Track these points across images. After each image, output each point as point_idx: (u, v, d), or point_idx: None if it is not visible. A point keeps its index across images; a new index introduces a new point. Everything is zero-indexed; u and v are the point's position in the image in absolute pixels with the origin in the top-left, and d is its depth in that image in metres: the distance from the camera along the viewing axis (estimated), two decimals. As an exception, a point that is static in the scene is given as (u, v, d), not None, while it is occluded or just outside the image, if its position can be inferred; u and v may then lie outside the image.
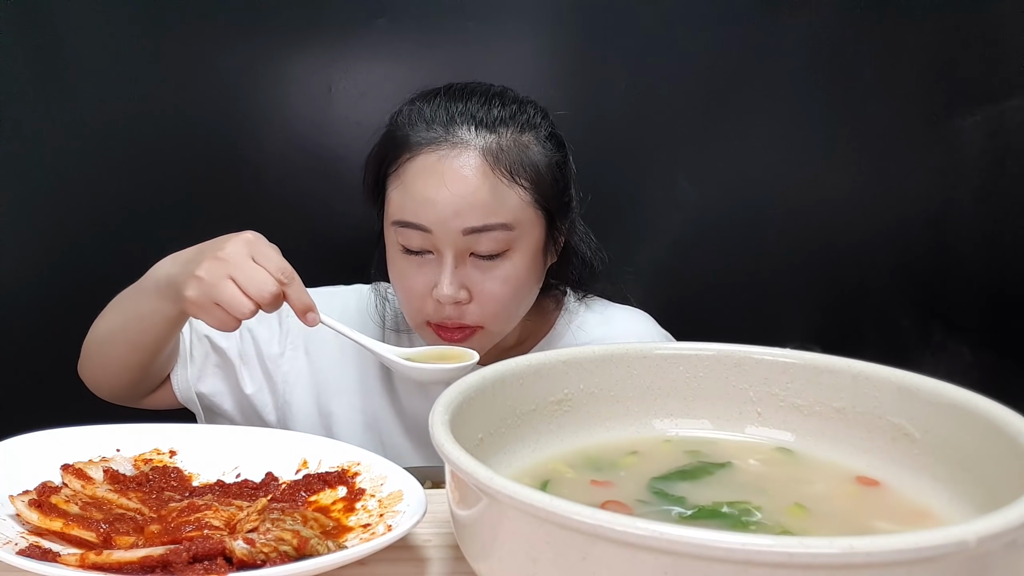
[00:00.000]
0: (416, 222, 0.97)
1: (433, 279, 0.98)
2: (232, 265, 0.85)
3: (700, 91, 1.46)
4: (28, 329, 1.42)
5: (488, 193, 0.96)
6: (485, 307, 0.99)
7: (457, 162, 0.96)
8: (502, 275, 0.99)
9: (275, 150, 1.43)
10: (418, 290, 0.99)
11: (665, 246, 1.23)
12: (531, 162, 0.99)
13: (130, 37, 1.38)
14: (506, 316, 1.02)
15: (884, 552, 0.41)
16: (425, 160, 0.97)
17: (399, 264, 1.01)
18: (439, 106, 1.00)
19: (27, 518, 0.65)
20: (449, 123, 0.98)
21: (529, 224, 0.99)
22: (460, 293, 0.97)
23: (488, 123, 0.98)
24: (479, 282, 0.98)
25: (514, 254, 0.99)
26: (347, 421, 1.11)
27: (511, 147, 0.98)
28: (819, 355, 0.71)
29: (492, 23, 1.42)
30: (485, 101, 1.00)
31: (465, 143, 0.97)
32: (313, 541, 0.62)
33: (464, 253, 0.98)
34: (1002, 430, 0.58)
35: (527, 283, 1.02)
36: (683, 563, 0.42)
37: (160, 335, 0.98)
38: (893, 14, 1.45)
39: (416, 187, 0.97)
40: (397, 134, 1.01)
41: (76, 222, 1.41)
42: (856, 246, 1.52)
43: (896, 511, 0.63)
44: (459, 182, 0.95)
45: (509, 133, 0.99)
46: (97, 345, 1.04)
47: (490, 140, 0.97)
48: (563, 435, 0.71)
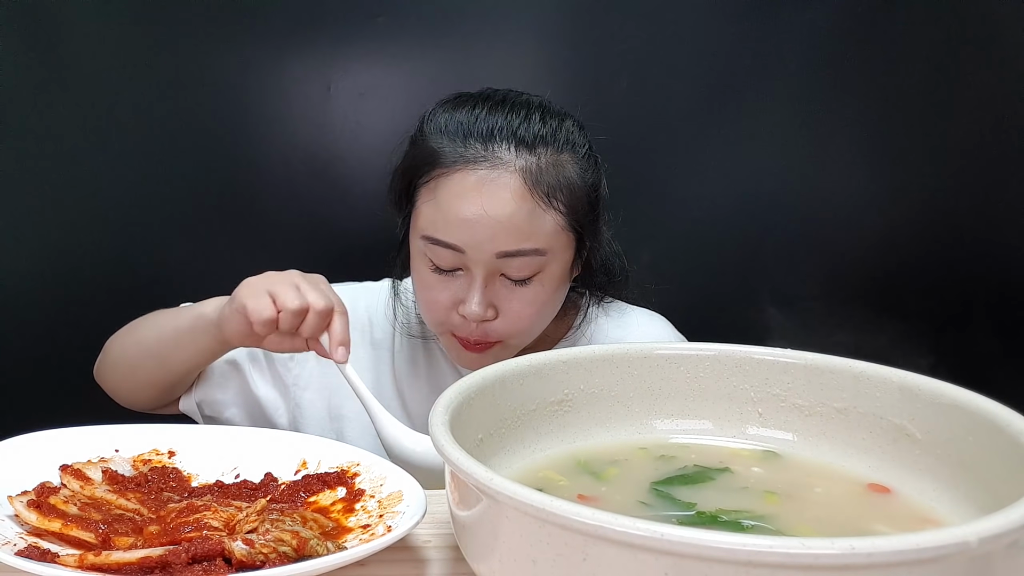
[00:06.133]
0: (449, 241, 0.94)
1: (460, 295, 0.97)
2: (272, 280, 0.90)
3: (700, 91, 1.46)
4: (27, 329, 1.42)
5: (525, 217, 0.93)
6: (510, 325, 0.98)
7: (496, 185, 0.93)
8: (529, 296, 0.97)
9: (274, 149, 1.43)
10: (443, 304, 0.98)
11: (665, 246, 1.23)
12: (568, 184, 0.96)
13: (129, 37, 1.37)
14: (529, 333, 1.02)
15: (885, 553, 0.41)
16: (463, 179, 0.94)
17: (426, 277, 0.99)
18: (477, 118, 0.96)
19: (26, 519, 0.65)
20: (488, 140, 0.94)
21: (560, 248, 0.98)
22: (488, 312, 0.96)
23: (528, 141, 0.95)
24: (506, 301, 0.97)
25: (543, 276, 0.97)
26: (357, 424, 1.10)
27: (549, 169, 0.95)
28: (820, 355, 0.71)
29: (492, 23, 1.42)
30: (526, 116, 0.96)
31: (505, 164, 0.93)
32: (313, 542, 0.62)
33: (495, 274, 0.96)
34: (1003, 430, 0.58)
35: (553, 302, 1.02)
36: (684, 564, 0.42)
37: (193, 365, 1.01)
38: (893, 14, 1.45)
39: (452, 206, 0.94)
40: (431, 145, 0.97)
41: (76, 222, 1.41)
42: (856, 246, 1.51)
43: (896, 511, 0.62)
44: (497, 205, 0.93)
45: (548, 153, 0.96)
46: (125, 359, 1.05)
47: (530, 161, 0.94)
48: (563, 436, 0.71)
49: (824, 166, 1.49)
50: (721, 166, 1.48)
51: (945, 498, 0.62)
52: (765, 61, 1.45)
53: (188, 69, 1.39)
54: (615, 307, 1.16)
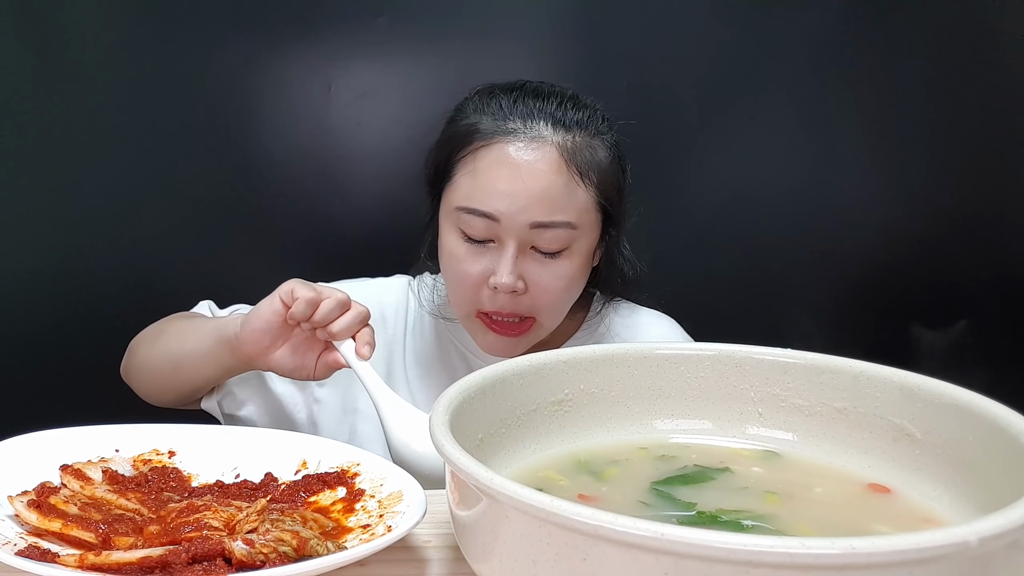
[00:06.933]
0: (484, 210, 0.97)
1: (490, 268, 0.99)
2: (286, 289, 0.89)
3: (700, 91, 1.46)
4: (28, 329, 1.42)
5: (560, 190, 0.97)
6: (538, 299, 1.00)
7: (534, 155, 0.97)
8: (559, 271, 1.00)
9: (274, 149, 1.43)
10: (473, 277, 1.00)
11: (665, 246, 1.23)
12: (599, 165, 1.01)
13: (129, 36, 1.37)
14: (556, 311, 1.04)
15: (885, 552, 0.41)
16: (501, 150, 0.98)
17: (456, 250, 1.01)
18: (516, 100, 1.01)
19: (26, 519, 0.64)
20: (528, 117, 0.99)
21: (589, 226, 1.01)
22: (518, 283, 0.98)
23: (565, 123, 0.99)
24: (536, 274, 0.99)
25: (572, 253, 1.00)
26: (371, 418, 1.10)
27: (584, 148, 1.00)
28: (820, 355, 0.70)
29: (492, 23, 1.42)
30: (561, 103, 1.01)
31: (543, 139, 0.98)
32: (313, 542, 0.62)
33: (526, 245, 0.99)
34: (1003, 430, 0.58)
35: (578, 282, 1.04)
36: (684, 564, 0.42)
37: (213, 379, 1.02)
38: (893, 14, 1.45)
39: (489, 175, 0.97)
40: (470, 120, 1.01)
41: (76, 222, 1.41)
42: (856, 245, 1.51)
43: (896, 511, 0.62)
44: (535, 176, 0.96)
45: (582, 134, 1.00)
46: (150, 366, 1.06)
47: (566, 139, 0.99)
48: (563, 436, 0.71)
49: (824, 166, 1.49)
50: (721, 166, 1.48)
51: (945, 498, 0.62)
52: (766, 61, 1.45)
53: (188, 69, 1.39)
54: (625, 306, 1.18)
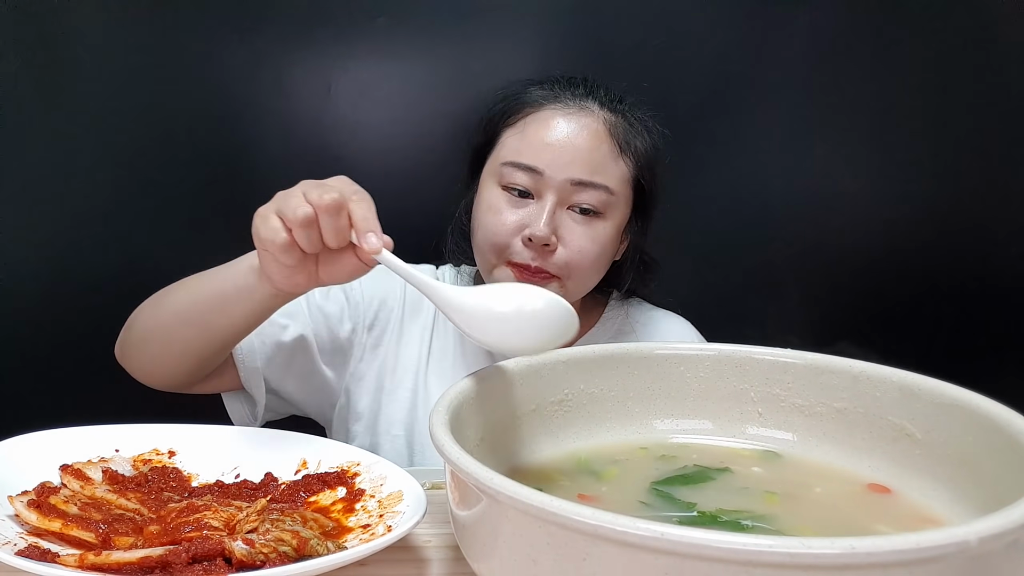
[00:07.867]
0: (529, 163, 1.03)
1: (526, 220, 1.03)
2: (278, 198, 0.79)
3: (701, 92, 1.46)
4: (28, 329, 1.42)
5: (603, 154, 1.04)
6: (570, 258, 1.03)
7: (580, 120, 1.04)
8: (592, 233, 1.04)
9: (274, 149, 1.43)
10: (508, 227, 1.03)
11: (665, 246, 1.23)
12: (639, 147, 1.08)
13: (129, 36, 1.37)
14: (583, 275, 1.06)
15: (885, 552, 0.41)
16: (551, 113, 1.05)
17: (496, 202, 1.05)
18: (568, 84, 1.09)
19: (26, 518, 0.65)
20: (575, 93, 1.07)
21: (623, 200, 1.07)
22: (551, 237, 1.01)
23: (611, 106, 1.08)
24: (570, 232, 1.03)
25: (606, 220, 1.05)
26: (396, 399, 1.13)
27: (628, 127, 1.08)
28: (820, 355, 0.71)
29: (492, 23, 1.42)
30: (607, 92, 1.10)
31: (591, 111, 1.06)
32: (313, 542, 0.62)
33: (564, 202, 1.03)
34: (1003, 430, 0.58)
35: (606, 253, 1.07)
36: (684, 564, 0.42)
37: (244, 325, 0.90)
38: (893, 14, 1.45)
39: (537, 133, 1.04)
40: (519, 95, 1.08)
41: (76, 221, 1.41)
42: (856, 245, 1.51)
43: (896, 511, 0.62)
44: (579, 136, 1.03)
45: (626, 118, 1.08)
46: (160, 331, 0.94)
47: (612, 116, 1.07)
48: (563, 436, 0.71)
49: (825, 166, 1.49)
50: (722, 166, 1.48)
51: (945, 498, 0.62)
52: (766, 61, 1.45)
53: (189, 69, 1.39)
54: (639, 305, 1.20)
